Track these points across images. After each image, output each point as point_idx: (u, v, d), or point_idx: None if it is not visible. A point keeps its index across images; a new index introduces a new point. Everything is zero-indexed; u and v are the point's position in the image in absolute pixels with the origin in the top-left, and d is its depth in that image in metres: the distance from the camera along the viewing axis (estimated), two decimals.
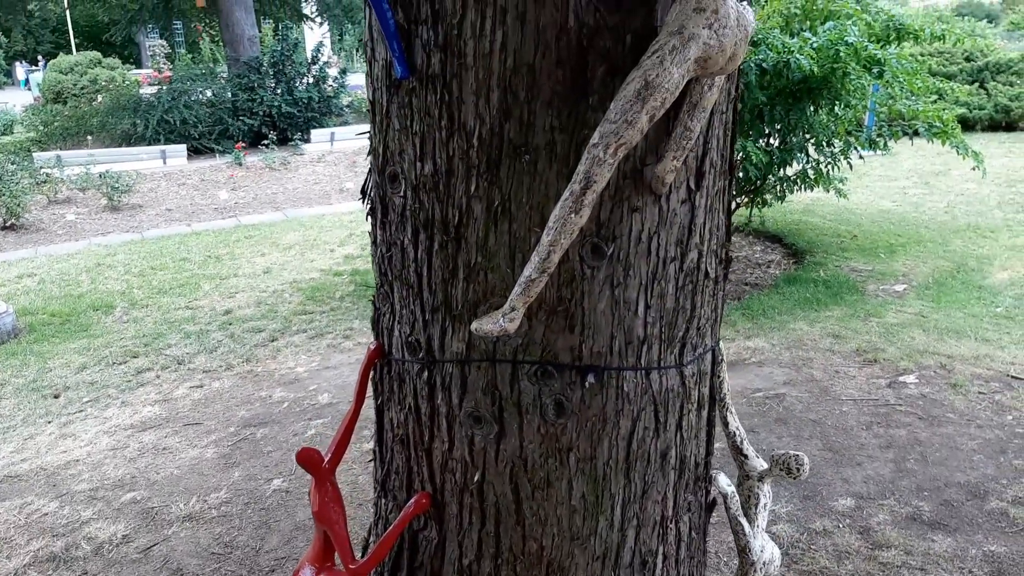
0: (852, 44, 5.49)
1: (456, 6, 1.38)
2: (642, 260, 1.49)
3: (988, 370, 4.61)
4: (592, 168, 1.23)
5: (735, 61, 1.25)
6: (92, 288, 7.02)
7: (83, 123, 13.79)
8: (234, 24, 13.57)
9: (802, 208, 8.27)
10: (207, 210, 9.88)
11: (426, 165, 1.51)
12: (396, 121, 1.54)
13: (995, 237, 7.35)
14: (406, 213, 1.58)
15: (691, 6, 1.17)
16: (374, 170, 1.67)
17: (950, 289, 6.04)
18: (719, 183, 1.57)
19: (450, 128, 1.45)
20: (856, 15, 6.01)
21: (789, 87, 5.76)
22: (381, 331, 1.77)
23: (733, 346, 5.23)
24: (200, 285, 6.95)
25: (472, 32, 1.38)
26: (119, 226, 9.32)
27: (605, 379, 1.54)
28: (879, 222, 7.94)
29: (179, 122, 12.66)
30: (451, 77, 1.42)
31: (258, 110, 13.22)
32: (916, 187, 9.32)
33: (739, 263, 7.11)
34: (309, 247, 8.04)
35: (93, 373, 5.23)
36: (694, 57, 1.18)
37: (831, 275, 6.43)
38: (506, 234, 1.47)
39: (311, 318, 6.01)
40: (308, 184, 11.02)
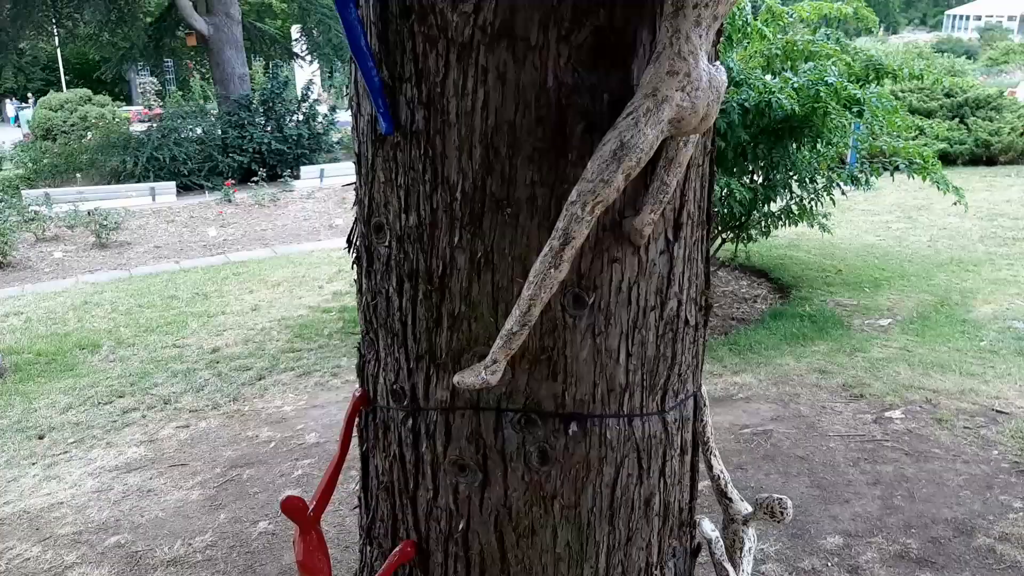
0: (832, 84, 5.60)
1: (439, 65, 1.42)
2: (623, 309, 1.52)
3: (973, 404, 4.64)
4: (570, 225, 1.26)
5: (708, 121, 1.29)
6: (79, 327, 6.99)
7: (72, 160, 13.82)
8: (224, 63, 13.70)
9: (787, 243, 8.36)
10: (196, 247, 9.89)
11: (411, 217, 1.54)
12: (381, 174, 1.57)
13: (978, 271, 7.44)
14: (391, 263, 1.60)
15: (664, 69, 1.22)
16: (360, 220, 1.70)
17: (934, 323, 6.09)
18: (697, 233, 1.61)
19: (434, 182, 1.48)
20: (836, 55, 6.14)
21: (771, 126, 5.85)
22: (366, 378, 1.79)
23: (720, 381, 5.25)
24: (188, 323, 6.94)
25: (455, 91, 1.42)
26: (107, 263, 9.31)
27: (588, 427, 1.55)
28: (863, 256, 8.03)
29: (169, 159, 12.72)
30: (435, 133, 1.46)
31: (248, 147, 13.30)
32: (899, 221, 9.44)
33: (725, 298, 7.17)
34: (298, 284, 8.05)
35: (78, 413, 5.19)
36: (668, 119, 1.22)
37: (817, 310, 6.48)
38: (489, 284, 1.49)
39: (299, 356, 6.00)
40: (297, 221, 11.06)
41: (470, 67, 1.39)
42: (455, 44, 1.39)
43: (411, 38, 1.44)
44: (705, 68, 1.24)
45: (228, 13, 13.54)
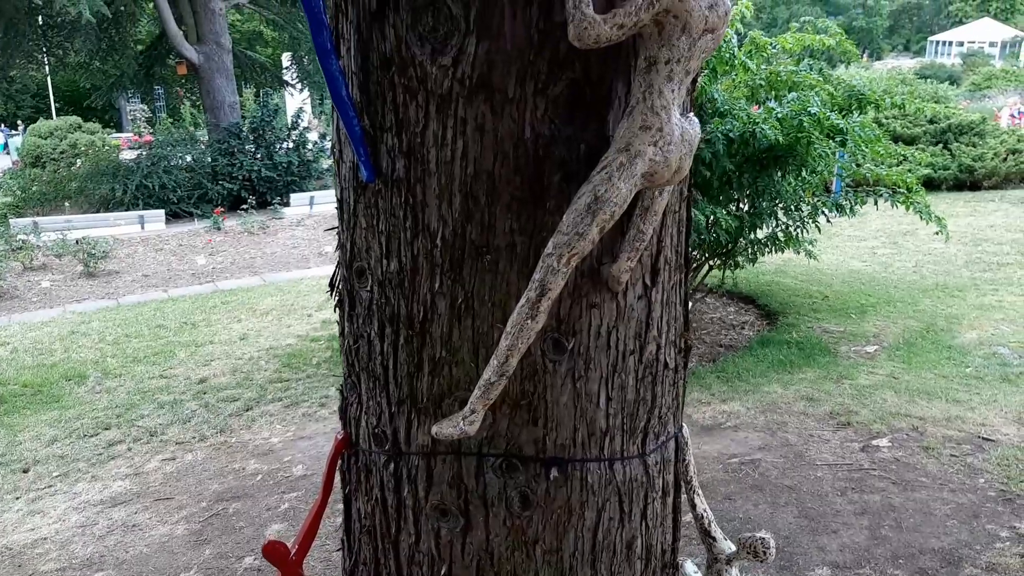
0: (815, 114, 5.68)
1: (419, 116, 1.45)
2: (602, 354, 1.53)
3: (959, 432, 4.66)
4: (547, 276, 1.28)
5: (681, 174, 1.32)
6: (65, 357, 6.96)
7: (61, 188, 13.81)
8: (215, 91, 13.76)
9: (774, 269, 8.41)
10: (184, 275, 9.87)
11: (392, 263, 1.55)
12: (363, 220, 1.59)
13: (963, 296, 7.50)
14: (373, 307, 1.61)
15: (637, 124, 1.24)
16: (342, 264, 1.71)
17: (920, 349, 6.13)
18: (675, 277, 1.63)
19: (415, 229, 1.50)
20: (818, 85, 6.22)
21: (756, 155, 5.92)
22: (348, 421, 1.79)
23: (709, 410, 5.26)
24: (175, 353, 6.91)
25: (434, 140, 1.44)
26: (95, 292, 9.27)
27: (569, 471, 1.56)
28: (849, 282, 8.08)
29: (158, 187, 12.72)
30: (415, 181, 1.48)
31: (238, 174, 13.32)
32: (885, 247, 9.52)
33: (713, 325, 7.20)
34: (286, 312, 8.04)
35: (64, 446, 5.15)
36: (641, 173, 1.24)
37: (804, 336, 6.51)
38: (469, 330, 1.51)
39: (287, 386, 5.99)
40: (287, 248, 11.06)
41: (449, 118, 1.42)
42: (434, 96, 1.42)
43: (391, 89, 1.46)
44: (677, 122, 1.27)
45: (219, 42, 13.62)
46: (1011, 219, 10.59)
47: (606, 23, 1.18)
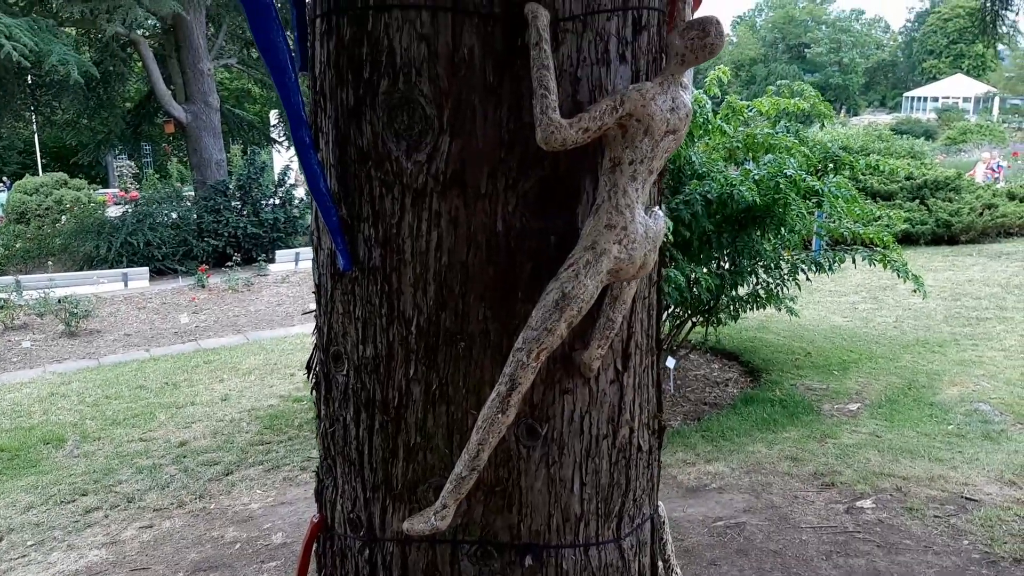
0: (791, 176, 5.81)
1: (395, 208, 1.49)
2: (575, 439, 1.55)
3: (943, 492, 4.66)
4: (517, 371, 1.30)
5: (645, 269, 1.35)
6: (44, 419, 6.86)
7: (45, 245, 13.78)
8: (202, 149, 13.89)
9: (756, 325, 8.47)
10: (167, 334, 9.81)
11: (368, 348, 1.57)
12: (340, 305, 1.62)
13: (943, 352, 7.57)
14: (348, 392, 1.63)
15: (603, 222, 1.28)
16: (319, 347, 1.73)
17: (902, 407, 6.16)
18: (646, 360, 1.66)
19: (390, 316, 1.53)
20: (794, 147, 6.37)
21: (735, 215, 6.03)
22: (324, 503, 1.79)
23: (694, 471, 5.24)
24: (155, 415, 6.83)
25: (410, 232, 1.48)
26: (76, 352, 9.19)
27: (544, 558, 1.56)
28: (831, 338, 8.15)
29: (143, 244, 12.72)
30: (391, 270, 1.51)
31: (223, 231, 13.35)
32: (865, 302, 9.63)
33: (697, 382, 7.21)
34: (269, 372, 7.99)
35: (39, 513, 5.05)
36: (606, 270, 1.28)
37: (787, 394, 6.53)
38: (444, 416, 1.52)
39: (268, 448, 5.92)
40: (271, 306, 11.04)
41: (424, 211, 1.46)
42: (410, 190, 1.46)
43: (368, 182, 1.51)
44: (642, 220, 1.31)
45: (207, 101, 13.80)
46: (989, 273, 10.75)
47: (572, 127, 1.23)
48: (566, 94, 1.36)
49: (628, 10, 1.45)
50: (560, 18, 1.39)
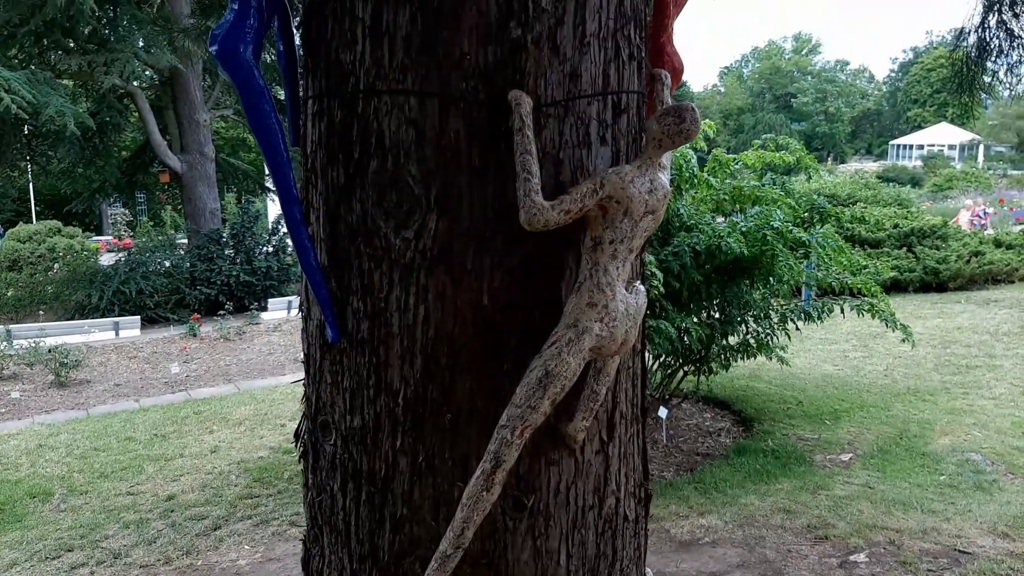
0: (777, 228, 5.89)
1: (383, 282, 1.52)
2: (561, 510, 1.56)
3: (936, 544, 4.64)
4: (501, 448, 1.32)
5: (627, 345, 1.39)
6: (31, 472, 6.78)
7: (37, 293, 13.76)
8: (196, 198, 13.98)
9: (748, 373, 8.48)
10: (157, 384, 9.76)
11: (355, 419, 1.59)
12: (328, 376, 1.64)
13: (934, 400, 7.58)
14: (336, 462, 1.64)
15: (584, 300, 1.32)
16: (307, 416, 1.75)
17: (895, 457, 6.15)
18: (632, 429, 1.68)
19: (378, 387, 1.55)
20: (780, 199, 6.47)
21: (723, 266, 6.09)
22: (311, 573, 1.79)
23: (687, 524, 5.21)
24: (144, 468, 6.76)
25: (398, 305, 1.52)
26: (65, 403, 9.12)
27: None
28: (823, 387, 8.16)
29: (135, 293, 12.71)
30: (379, 343, 1.54)
31: (216, 279, 13.37)
32: (856, 350, 9.67)
33: (690, 432, 7.20)
34: (260, 422, 7.93)
35: (23, 571, 4.96)
36: (588, 347, 1.31)
37: (779, 444, 6.52)
38: (431, 488, 1.54)
39: (257, 502, 5.85)
40: (262, 355, 11.01)
41: (411, 286, 1.49)
42: (398, 265, 1.50)
43: (358, 257, 1.55)
44: (623, 298, 1.35)
45: (202, 152, 13.93)
46: (977, 320, 10.82)
47: (554, 209, 1.28)
48: (549, 175, 1.41)
49: (608, 95, 1.51)
50: (543, 103, 1.45)
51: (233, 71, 1.53)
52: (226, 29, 1.53)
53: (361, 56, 1.49)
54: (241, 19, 1.54)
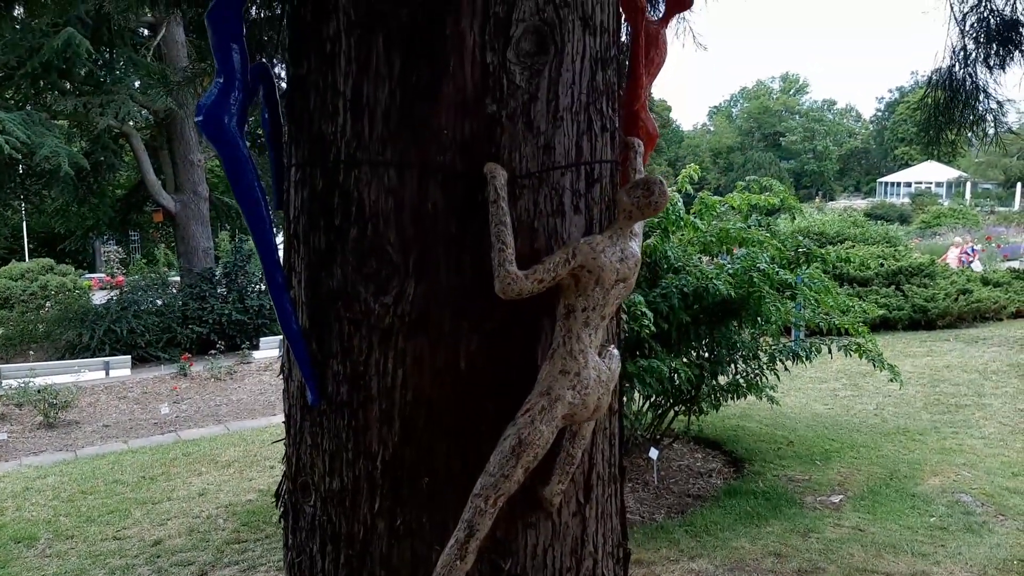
0: (764, 270, 5.95)
1: (363, 346, 1.55)
2: (539, 573, 1.57)
3: None
4: (475, 517, 1.34)
5: (599, 411, 1.42)
6: (17, 516, 6.70)
7: (28, 332, 13.70)
8: (190, 237, 14.03)
9: (739, 412, 8.48)
10: (147, 425, 9.69)
11: (335, 481, 1.61)
12: (308, 437, 1.66)
13: (924, 440, 7.59)
14: (315, 523, 1.66)
15: (558, 368, 1.35)
16: (287, 476, 1.76)
17: (885, 498, 6.14)
18: (609, 489, 1.70)
19: (356, 450, 1.57)
20: (767, 241, 6.54)
21: (711, 307, 6.14)
22: None
23: (677, 568, 5.18)
24: (131, 511, 6.69)
25: (376, 369, 1.54)
26: (53, 444, 9.04)
27: None
28: (813, 427, 8.16)
29: (126, 332, 12.68)
30: (358, 406, 1.56)
31: (208, 318, 13.36)
32: (845, 389, 9.69)
33: (681, 472, 7.17)
34: (249, 464, 7.87)
35: None
36: (561, 415, 1.34)
37: (770, 486, 6.50)
38: (409, 551, 1.55)
39: (244, 547, 5.79)
40: (253, 395, 10.96)
41: (390, 350, 1.52)
42: (377, 329, 1.53)
43: (338, 321, 1.58)
44: (595, 365, 1.38)
45: (196, 191, 14.02)
46: (966, 359, 10.87)
47: (528, 279, 1.31)
48: (524, 243, 1.45)
49: (581, 165, 1.56)
50: (518, 175, 1.49)
51: (218, 142, 1.57)
52: (212, 101, 1.58)
53: (342, 128, 1.54)
54: (227, 91, 1.60)
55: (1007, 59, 4.38)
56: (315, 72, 1.60)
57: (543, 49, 1.53)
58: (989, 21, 4.30)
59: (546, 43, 1.53)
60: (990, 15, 4.32)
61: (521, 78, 1.51)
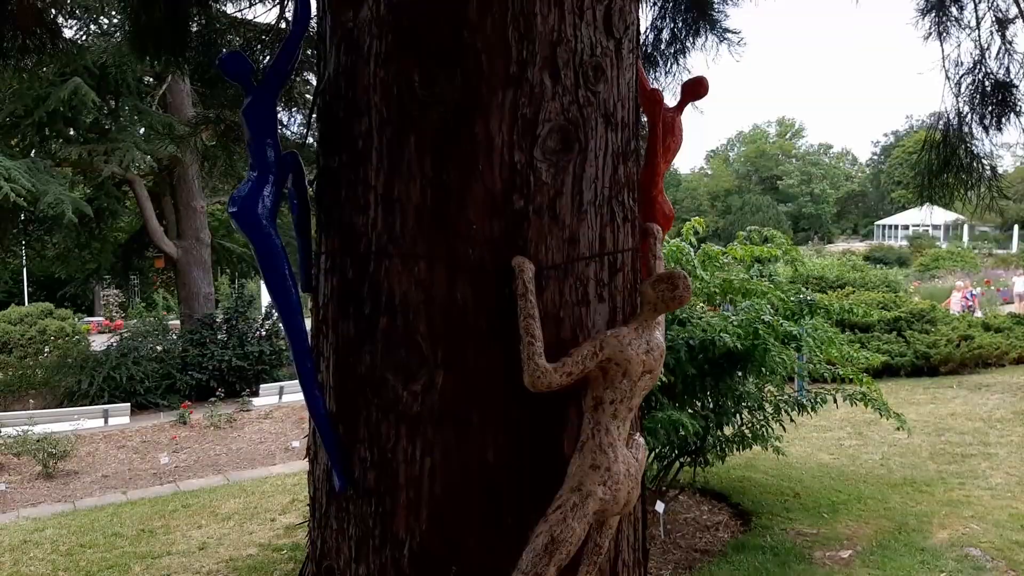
0: (768, 322, 5.98)
1: (391, 433, 1.57)
2: None
3: None
4: None
5: (628, 506, 1.43)
6: (15, 571, 6.61)
7: (27, 378, 13.66)
8: (191, 283, 14.06)
9: (744, 463, 8.42)
10: (146, 475, 9.61)
11: (360, 567, 1.61)
12: (334, 522, 1.66)
13: (931, 491, 7.53)
14: None
15: (588, 462, 1.37)
16: (311, 559, 1.76)
17: (894, 553, 6.07)
18: (634, 574, 1.70)
19: (383, 538, 1.58)
20: (770, 292, 6.58)
21: (717, 359, 6.15)
22: None
23: None
24: (130, 566, 6.60)
25: (404, 457, 1.56)
26: (51, 495, 8.95)
27: None
28: (819, 477, 8.10)
29: (125, 379, 12.64)
30: (385, 493, 1.57)
31: (208, 364, 13.32)
32: (850, 438, 9.64)
33: (687, 526, 7.10)
34: (249, 516, 7.79)
35: None
36: (592, 511, 1.35)
37: (778, 540, 6.43)
38: None
39: None
40: (253, 444, 10.89)
41: (418, 438, 1.54)
42: (405, 418, 1.55)
43: (366, 407, 1.60)
44: (624, 459, 1.40)
45: (198, 237, 14.10)
46: (970, 406, 10.84)
47: (556, 372, 1.34)
48: (550, 333, 1.48)
49: (605, 255, 1.60)
50: (544, 267, 1.53)
51: (252, 234, 1.61)
52: (246, 193, 1.62)
53: (374, 221, 1.58)
54: (260, 184, 1.64)
55: (1002, 120, 4.47)
56: (347, 166, 1.65)
57: (568, 146, 1.58)
58: (984, 84, 4.40)
59: (571, 141, 1.59)
60: (984, 78, 4.42)
61: (547, 174, 1.56)
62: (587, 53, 1.62)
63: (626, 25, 1.71)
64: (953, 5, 4.46)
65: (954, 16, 4.50)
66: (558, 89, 1.59)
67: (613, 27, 1.67)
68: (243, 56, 1.74)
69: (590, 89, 1.63)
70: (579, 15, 1.61)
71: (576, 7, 1.60)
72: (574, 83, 1.60)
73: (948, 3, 4.45)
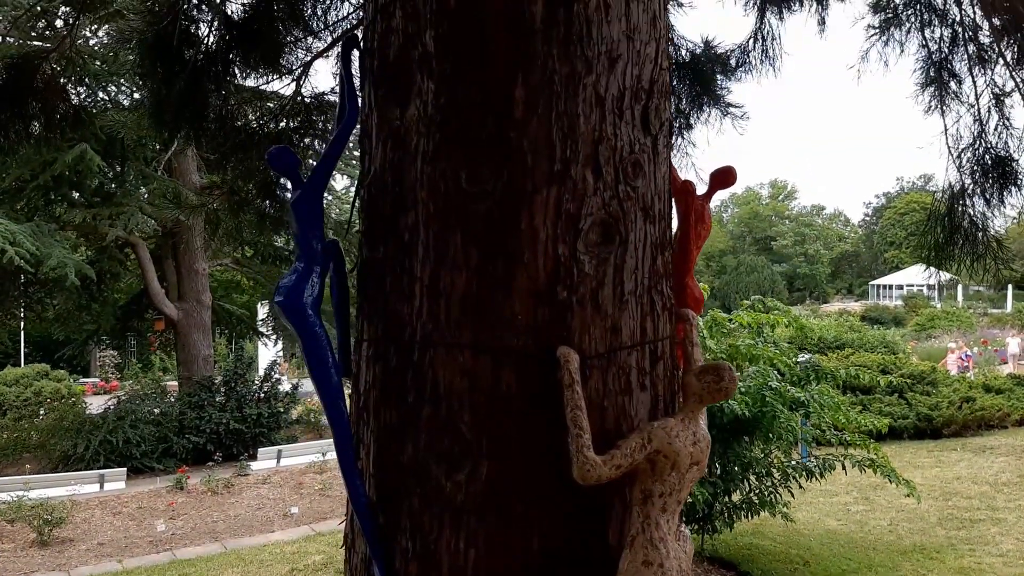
0: (776, 388, 5.99)
1: (434, 524, 1.57)
2: None
3: None
4: None
5: None
6: None
7: (22, 440, 13.49)
8: (190, 345, 14.02)
9: (752, 530, 8.32)
10: (142, 543, 9.41)
11: None
12: None
13: (941, 558, 7.43)
14: None
15: (640, 559, 1.37)
16: None
17: None
18: None
19: None
20: (776, 358, 6.61)
21: (725, 426, 6.14)
22: None
23: None
24: None
25: (447, 548, 1.56)
26: (46, 564, 8.75)
27: None
28: (828, 544, 7.99)
29: (122, 442, 12.48)
30: None
31: (205, 427, 13.18)
32: (857, 503, 9.54)
33: None
34: None
35: None
36: None
37: None
38: None
39: None
40: (251, 509, 10.71)
41: (462, 528, 1.54)
42: (449, 507, 1.55)
43: (408, 496, 1.60)
44: (675, 553, 1.41)
45: (199, 300, 14.11)
46: (975, 470, 10.77)
47: (606, 464, 1.35)
48: (594, 423, 1.50)
49: (646, 344, 1.63)
50: (587, 356, 1.56)
51: (298, 323, 1.65)
52: (292, 284, 1.66)
53: (418, 310, 1.62)
54: (306, 276, 1.68)
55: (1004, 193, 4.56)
56: (392, 258, 1.69)
57: (609, 239, 1.63)
58: (984, 158, 4.50)
59: (612, 234, 1.64)
60: (985, 152, 4.53)
61: (590, 266, 1.60)
62: (626, 150, 1.69)
63: (661, 122, 1.78)
64: (952, 80, 4.60)
65: (953, 91, 4.64)
66: (599, 185, 1.64)
67: (650, 124, 1.74)
68: (290, 151, 1.81)
69: (629, 184, 1.69)
70: (619, 115, 1.68)
71: (616, 107, 1.67)
72: (614, 179, 1.66)
73: (947, 78, 4.59)
